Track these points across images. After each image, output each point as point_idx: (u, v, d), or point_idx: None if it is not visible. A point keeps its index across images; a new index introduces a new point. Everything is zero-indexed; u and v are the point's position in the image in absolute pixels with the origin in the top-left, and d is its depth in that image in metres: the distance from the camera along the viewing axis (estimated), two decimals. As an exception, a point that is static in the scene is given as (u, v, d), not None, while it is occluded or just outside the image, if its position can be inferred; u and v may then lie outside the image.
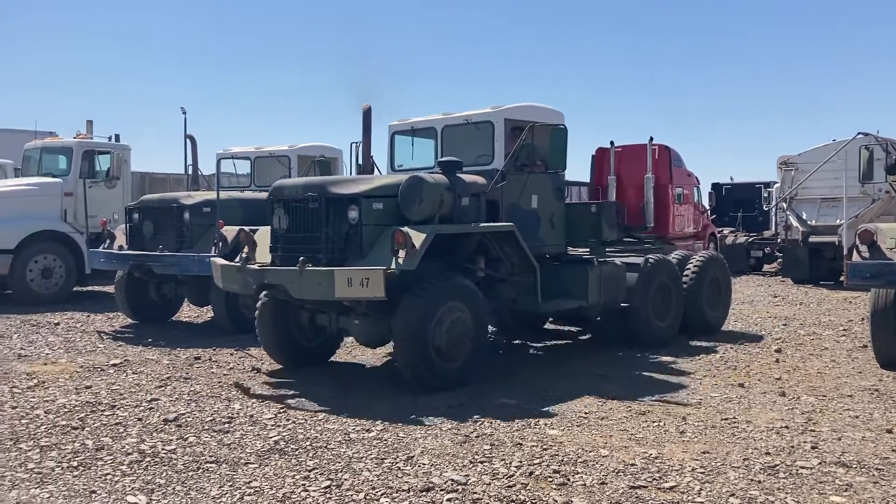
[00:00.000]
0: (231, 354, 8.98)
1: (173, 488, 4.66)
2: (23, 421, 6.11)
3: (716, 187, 29.50)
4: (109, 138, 15.12)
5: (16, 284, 13.31)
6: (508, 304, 8.38)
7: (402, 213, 7.27)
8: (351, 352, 9.35)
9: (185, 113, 14.09)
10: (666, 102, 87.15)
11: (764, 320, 12.25)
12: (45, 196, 13.88)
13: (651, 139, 22.12)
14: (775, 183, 22.22)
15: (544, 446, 5.47)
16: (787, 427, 6.03)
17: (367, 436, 5.73)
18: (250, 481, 4.77)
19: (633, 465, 5.08)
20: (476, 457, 5.24)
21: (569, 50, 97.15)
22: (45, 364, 8.44)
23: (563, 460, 5.17)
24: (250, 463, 5.13)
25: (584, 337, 10.72)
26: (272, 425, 6.02)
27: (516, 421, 6.14)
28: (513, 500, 4.47)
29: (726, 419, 6.26)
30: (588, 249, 9.26)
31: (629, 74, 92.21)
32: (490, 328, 10.73)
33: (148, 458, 5.20)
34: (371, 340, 7.72)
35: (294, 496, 4.53)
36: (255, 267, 7.45)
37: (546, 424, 6.06)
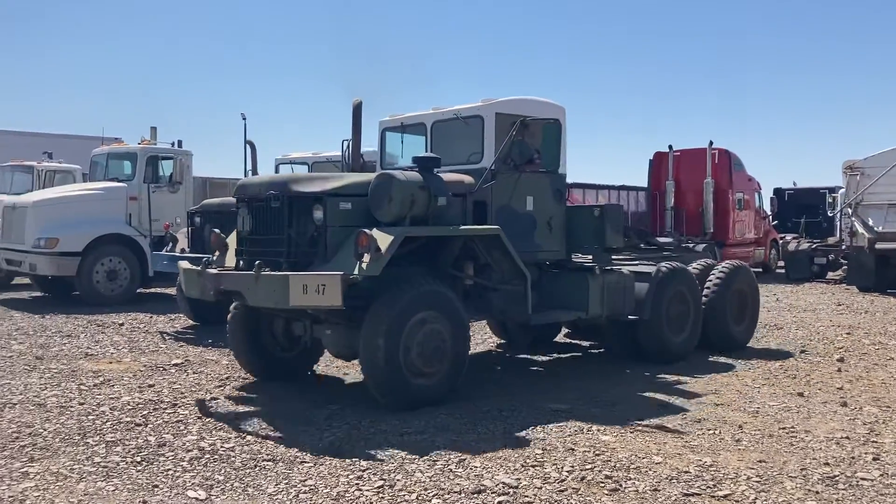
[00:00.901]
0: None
1: (231, 485, 4.79)
2: (90, 417, 6.34)
3: (778, 192, 28.94)
4: (172, 144, 15.55)
5: (83, 286, 13.78)
6: (499, 315, 7.86)
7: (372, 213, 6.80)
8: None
9: (244, 119, 14.38)
10: (726, 105, 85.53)
11: (826, 329, 11.94)
12: (111, 200, 14.33)
13: (711, 143, 22.05)
14: (840, 188, 21.68)
15: (597, 452, 5.45)
16: (847, 438, 5.89)
17: (419, 438, 5.79)
18: (305, 480, 4.87)
19: (686, 472, 5.03)
20: (528, 461, 5.25)
21: (622, 50, 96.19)
22: (111, 363, 8.73)
23: (615, 466, 5.14)
24: (305, 462, 5.23)
25: (596, 350, 10.08)
26: (326, 426, 6.12)
27: (568, 426, 6.13)
28: (564, 505, 4.48)
29: (784, 428, 6.14)
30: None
31: (688, 76, 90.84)
32: (499, 340, 10.36)
33: (207, 455, 5.35)
34: (343, 352, 7.16)
35: (348, 495, 4.61)
36: (214, 271, 7.02)
37: (598, 430, 6.04)
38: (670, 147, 23.03)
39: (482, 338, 10.54)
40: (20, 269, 14.15)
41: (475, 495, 4.61)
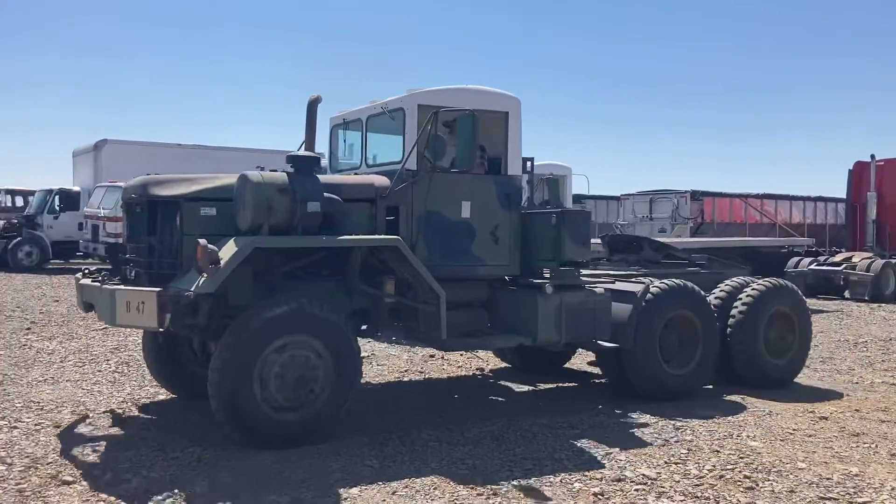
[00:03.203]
0: (461, 355, 9.85)
1: (401, 458, 5.53)
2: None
3: None
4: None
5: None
6: (423, 339, 6.84)
7: None
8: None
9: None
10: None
11: None
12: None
13: (918, 151, 20.49)
14: None
15: (741, 455, 5.67)
16: None
17: (571, 432, 6.27)
18: (465, 458, 5.52)
19: (828, 479, 5.16)
20: (671, 458, 5.59)
21: (831, 46, 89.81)
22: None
23: (756, 468, 5.36)
24: (467, 445, 5.88)
25: (598, 380, 8.67)
26: (487, 418, 6.73)
27: (718, 431, 6.36)
28: (697, 497, 4.80)
29: (950, 448, 6.00)
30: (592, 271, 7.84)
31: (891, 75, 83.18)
32: (505, 364, 9.26)
33: (384, 434, 6.15)
34: None
35: (501, 473, 5.21)
36: (83, 282, 6.41)
37: (748, 436, 6.21)
38: (872, 157, 21.74)
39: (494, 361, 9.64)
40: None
41: (615, 482, 5.04)
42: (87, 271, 6.62)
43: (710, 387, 7.92)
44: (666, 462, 5.50)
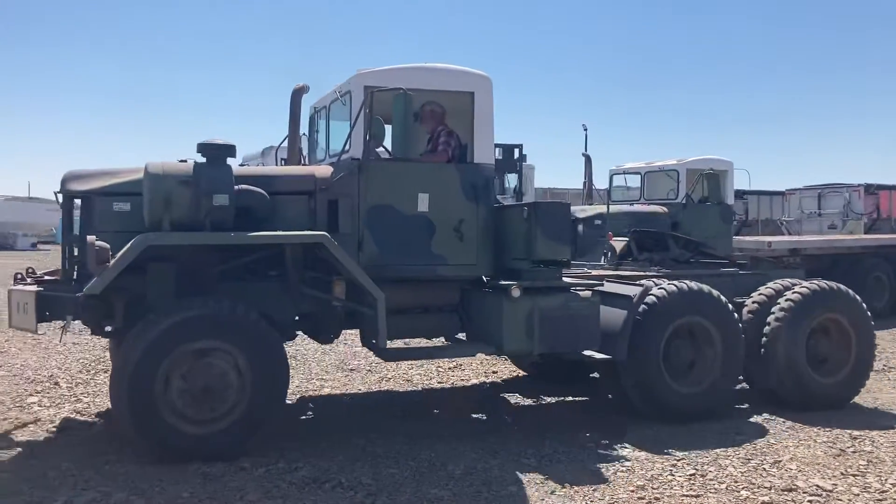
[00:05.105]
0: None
1: (559, 458, 5.54)
2: (443, 392, 7.60)
3: None
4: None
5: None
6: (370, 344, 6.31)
7: None
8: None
9: (586, 130, 15.04)
10: None
11: None
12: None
13: None
14: None
15: (931, 470, 5.25)
16: None
17: (737, 438, 6.02)
18: (625, 461, 5.44)
19: None
20: (848, 469, 5.26)
21: None
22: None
23: (949, 485, 4.94)
24: (626, 448, 5.79)
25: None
26: (649, 421, 6.58)
27: (903, 442, 5.92)
28: (879, 512, 4.49)
29: None
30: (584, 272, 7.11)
31: None
32: (517, 372, 8.58)
33: (541, 432, 6.15)
34: None
35: (661, 478, 5.09)
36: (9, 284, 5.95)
37: (938, 450, 5.74)
38: None
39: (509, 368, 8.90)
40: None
41: (785, 493, 4.80)
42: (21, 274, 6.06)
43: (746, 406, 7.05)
44: (842, 473, 5.18)
